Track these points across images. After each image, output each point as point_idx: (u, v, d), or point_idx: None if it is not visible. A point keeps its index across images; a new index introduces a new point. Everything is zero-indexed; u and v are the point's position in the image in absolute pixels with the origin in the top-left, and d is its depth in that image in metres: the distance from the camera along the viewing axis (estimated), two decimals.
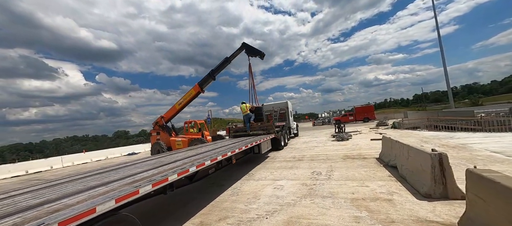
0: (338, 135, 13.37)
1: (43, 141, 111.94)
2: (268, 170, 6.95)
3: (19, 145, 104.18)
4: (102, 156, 18.49)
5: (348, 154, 8.27)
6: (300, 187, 4.89)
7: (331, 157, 8.04)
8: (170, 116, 13.30)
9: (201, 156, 4.97)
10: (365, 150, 8.77)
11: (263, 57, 12.24)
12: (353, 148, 9.55)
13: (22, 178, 12.31)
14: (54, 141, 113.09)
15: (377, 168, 5.85)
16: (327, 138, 14.89)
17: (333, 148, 10.16)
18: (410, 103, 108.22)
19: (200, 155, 5.21)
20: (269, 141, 9.18)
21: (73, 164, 16.18)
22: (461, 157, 6.11)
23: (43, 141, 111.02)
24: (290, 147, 12.16)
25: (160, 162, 4.66)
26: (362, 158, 7.32)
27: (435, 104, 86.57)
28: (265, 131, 10.12)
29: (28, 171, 13.79)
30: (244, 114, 11.16)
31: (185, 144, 11.77)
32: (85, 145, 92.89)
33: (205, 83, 12.70)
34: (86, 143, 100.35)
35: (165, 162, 4.69)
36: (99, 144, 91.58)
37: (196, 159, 4.65)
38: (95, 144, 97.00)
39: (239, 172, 7.15)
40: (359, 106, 34.22)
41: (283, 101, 16.01)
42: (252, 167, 7.67)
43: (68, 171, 13.19)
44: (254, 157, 9.11)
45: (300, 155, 9.14)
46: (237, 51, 12.25)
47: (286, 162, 7.93)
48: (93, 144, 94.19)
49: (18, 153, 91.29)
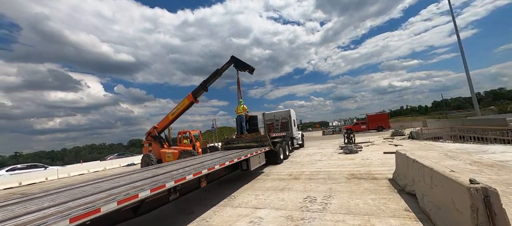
0: (347, 147, 11.90)
1: (64, 148, 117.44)
2: (255, 192, 5.78)
3: (42, 153, 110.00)
4: (100, 167, 18.08)
5: (354, 171, 6.91)
6: (282, 223, 3.70)
7: (333, 175, 6.72)
8: (163, 126, 12.58)
9: (165, 176, 3.96)
10: (377, 166, 7.35)
11: (252, 71, 11.41)
12: (362, 163, 8.14)
13: (6, 192, 11.93)
14: (74, 148, 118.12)
15: (389, 195, 4.52)
16: (334, 149, 13.42)
17: (338, 162, 8.78)
18: (429, 111, 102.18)
19: (171, 173, 4.22)
20: (262, 155, 8.03)
21: (69, 175, 15.81)
22: (506, 182, 4.61)
23: (64, 149, 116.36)
24: (290, 160, 10.88)
25: (156, 173, 3.84)
26: (372, 178, 5.95)
27: (457, 112, 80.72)
28: (259, 143, 8.98)
29: (21, 182, 13.49)
30: (238, 114, 10.13)
31: (175, 156, 10.89)
32: (101, 153, 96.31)
33: (198, 93, 11.97)
34: (103, 151, 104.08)
35: (134, 179, 3.76)
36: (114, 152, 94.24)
37: (156, 180, 3.67)
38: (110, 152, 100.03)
39: (221, 192, 6.04)
40: (372, 114, 32.03)
41: (285, 110, 14.85)
42: (238, 186, 6.53)
43: (58, 184, 12.70)
44: None
45: (298, 171, 7.87)
46: (226, 64, 11.53)
47: (279, 181, 6.71)
48: (108, 152, 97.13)
49: (40, 160, 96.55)
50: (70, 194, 3.33)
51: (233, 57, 11.40)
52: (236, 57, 11.43)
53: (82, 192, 3.38)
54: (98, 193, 3.13)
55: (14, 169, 15.25)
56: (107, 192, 3.12)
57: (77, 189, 3.69)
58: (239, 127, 9.98)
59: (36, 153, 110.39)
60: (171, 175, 4.05)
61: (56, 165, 20.51)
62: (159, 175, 4.25)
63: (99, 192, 3.16)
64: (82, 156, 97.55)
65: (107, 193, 3.03)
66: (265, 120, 15.05)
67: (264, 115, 15.20)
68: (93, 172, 17.11)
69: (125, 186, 3.47)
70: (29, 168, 15.59)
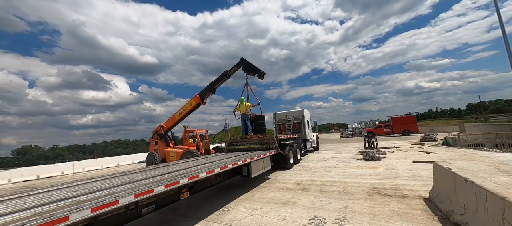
0: (367, 153, 10.47)
1: (94, 143, 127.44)
2: (253, 205, 4.87)
3: (75, 146, 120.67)
4: (113, 163, 18.43)
5: (377, 184, 5.68)
6: None
7: (350, 188, 5.57)
8: (170, 126, 12.20)
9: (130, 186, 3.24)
10: (405, 179, 6.02)
11: (262, 76, 10.26)
12: (386, 174, 6.82)
13: (22, 185, 12.36)
14: (102, 143, 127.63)
15: (427, 223, 3.34)
16: (352, 155, 11.99)
17: (357, 171, 7.53)
18: (463, 114, 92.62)
19: (146, 180, 3.52)
20: (267, 159, 7.09)
21: (84, 170, 16.23)
22: None
23: (94, 143, 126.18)
24: (302, 165, 9.78)
25: (130, 179, 3.43)
26: (400, 195, 4.73)
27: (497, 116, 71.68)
28: (264, 146, 8.03)
29: (39, 175, 14.03)
30: (242, 113, 9.26)
31: (178, 156, 10.38)
32: (125, 148, 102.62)
33: (205, 95, 11.33)
34: (127, 147, 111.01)
35: (126, 181, 3.11)
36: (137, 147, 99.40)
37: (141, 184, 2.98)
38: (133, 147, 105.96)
39: (214, 201, 5.23)
40: (397, 117, 29.25)
41: (298, 110, 13.70)
42: (236, 195, 5.67)
43: (69, 178, 12.94)
44: None
45: (308, 180, 6.80)
46: (235, 66, 10.59)
47: (284, 191, 5.73)
48: (132, 148, 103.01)
49: (73, 153, 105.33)
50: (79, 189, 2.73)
51: (243, 59, 10.42)
52: (245, 59, 10.41)
53: (97, 185, 2.77)
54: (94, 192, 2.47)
55: None
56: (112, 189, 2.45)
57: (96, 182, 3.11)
58: (244, 127, 9.12)
59: (70, 146, 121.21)
60: (142, 184, 3.31)
61: (87, 158, 21.39)
62: (131, 182, 3.54)
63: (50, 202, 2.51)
64: (109, 150, 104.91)
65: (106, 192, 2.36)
66: (276, 120, 14.03)
67: (275, 114, 14.19)
68: (106, 167, 17.46)
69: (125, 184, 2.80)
70: None
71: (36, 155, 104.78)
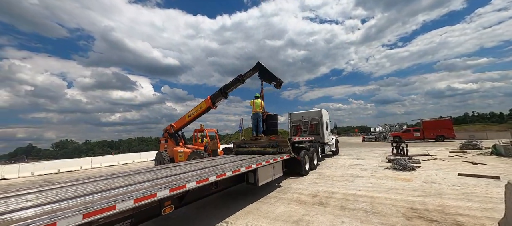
0: (397, 160, 9.01)
1: (120, 139, 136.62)
2: (257, 221, 4.01)
3: (104, 142, 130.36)
4: (129, 160, 18.76)
5: (416, 203, 4.47)
6: None
7: (380, 206, 4.44)
8: (180, 126, 11.81)
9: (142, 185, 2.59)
10: (454, 198, 4.71)
11: (280, 86, 8.98)
12: (425, 188, 5.51)
13: (41, 178, 12.79)
14: (127, 140, 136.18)
15: None
16: (378, 162, 10.54)
17: (387, 183, 6.28)
18: (506, 119, 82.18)
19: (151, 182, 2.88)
20: (278, 165, 6.17)
21: (101, 166, 16.65)
22: None
23: (120, 140, 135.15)
24: (319, 171, 8.68)
25: (132, 181, 3.16)
26: (454, 223, 3.53)
27: None
28: (276, 149, 7.09)
29: (59, 169, 14.58)
30: (254, 112, 8.40)
31: (186, 155, 9.87)
32: (148, 145, 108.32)
33: (217, 98, 10.65)
34: (149, 143, 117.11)
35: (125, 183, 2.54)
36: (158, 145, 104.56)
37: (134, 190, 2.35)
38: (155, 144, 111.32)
39: (213, 212, 4.46)
40: (429, 120, 26.24)
41: (315, 110, 12.52)
42: (239, 206, 4.86)
43: (86, 173, 13.20)
44: None
45: (326, 191, 5.75)
46: (251, 71, 9.48)
47: (297, 205, 4.78)
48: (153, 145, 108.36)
49: (102, 148, 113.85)
50: None
51: (259, 64, 9.28)
52: (262, 64, 9.28)
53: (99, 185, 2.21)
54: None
55: None
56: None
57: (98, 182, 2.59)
58: (254, 127, 8.26)
59: (100, 141, 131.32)
60: (111, 195, 2.63)
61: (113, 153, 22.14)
62: (104, 191, 2.89)
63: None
64: (133, 146, 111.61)
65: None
66: (291, 121, 12.99)
67: (290, 115, 13.15)
68: (122, 164, 17.79)
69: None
70: None
71: (71, 149, 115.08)
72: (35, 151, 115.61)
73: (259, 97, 8.64)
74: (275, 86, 9.18)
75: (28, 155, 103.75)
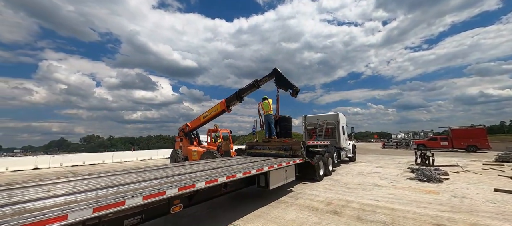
0: (422, 171, 8.33)
1: (140, 136, 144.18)
2: (266, 225, 3.88)
3: (126, 138, 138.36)
4: (146, 156, 19.58)
5: (444, 220, 4.03)
6: None
7: (402, 220, 4.07)
8: (195, 126, 12.09)
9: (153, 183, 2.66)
10: (490, 217, 4.18)
11: (296, 94, 8.63)
12: (455, 204, 4.98)
13: (68, 169, 13.72)
14: (147, 137, 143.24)
15: None
16: (400, 171, 9.83)
17: (409, 195, 5.79)
18: None
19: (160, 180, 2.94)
20: (291, 169, 5.98)
21: (121, 161, 17.55)
22: None
23: (141, 137, 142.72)
24: (334, 177, 8.30)
25: (144, 178, 3.29)
26: None
27: None
28: (289, 152, 6.89)
29: (84, 162, 15.61)
30: (266, 113, 8.26)
31: (199, 154, 10.02)
32: (165, 143, 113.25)
33: (231, 102, 10.73)
34: (167, 141, 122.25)
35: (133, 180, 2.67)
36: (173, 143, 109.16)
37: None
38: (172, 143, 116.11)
39: (220, 214, 4.40)
40: (459, 128, 24.09)
41: (332, 114, 12.07)
42: (249, 209, 4.75)
43: (107, 167, 13.96)
44: None
45: (341, 199, 5.44)
46: (267, 77, 9.30)
47: (309, 212, 4.56)
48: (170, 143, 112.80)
49: (125, 144, 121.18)
50: None
51: (276, 70, 9.08)
52: (279, 71, 9.06)
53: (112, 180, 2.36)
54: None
55: None
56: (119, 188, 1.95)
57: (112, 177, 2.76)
58: (267, 130, 8.13)
59: (123, 137, 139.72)
60: (122, 191, 2.68)
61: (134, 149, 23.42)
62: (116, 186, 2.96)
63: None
64: (152, 144, 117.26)
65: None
66: (306, 124, 12.64)
67: (305, 117, 12.81)
68: (140, 160, 18.62)
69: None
70: None
71: (97, 143, 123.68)
72: (66, 144, 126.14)
73: (266, 98, 8.47)
74: (291, 94, 8.82)
75: (60, 147, 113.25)
